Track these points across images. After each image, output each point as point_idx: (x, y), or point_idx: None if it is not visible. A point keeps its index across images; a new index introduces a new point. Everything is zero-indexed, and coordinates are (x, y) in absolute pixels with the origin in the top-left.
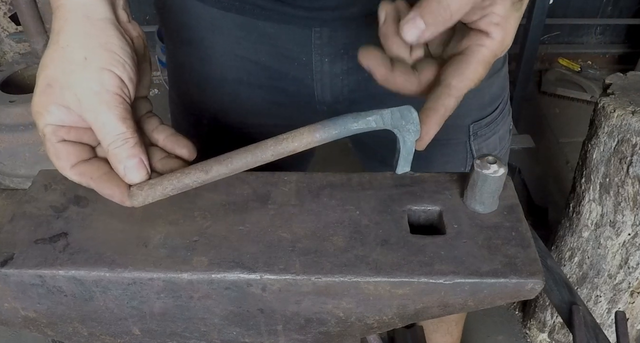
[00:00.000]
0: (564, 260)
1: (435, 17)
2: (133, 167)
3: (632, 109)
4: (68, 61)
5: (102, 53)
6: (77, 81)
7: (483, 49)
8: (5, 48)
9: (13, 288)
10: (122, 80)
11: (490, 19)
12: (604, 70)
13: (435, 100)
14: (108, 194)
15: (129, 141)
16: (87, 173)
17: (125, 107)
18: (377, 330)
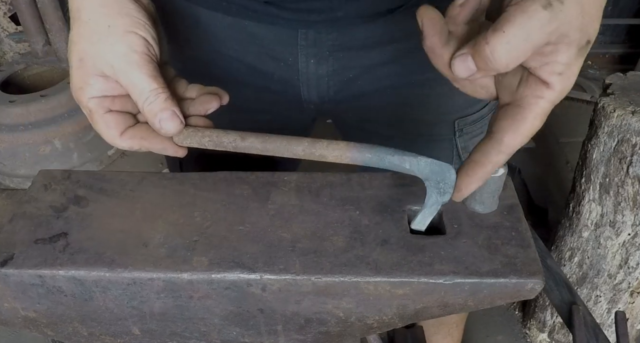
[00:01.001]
0: (564, 260)
1: (487, 64)
2: (167, 118)
3: (632, 109)
4: (94, 32)
5: (122, 18)
6: (105, 48)
7: (542, 101)
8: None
9: (13, 288)
10: (146, 40)
11: (552, 68)
12: (604, 70)
13: (484, 155)
14: (160, 148)
15: (160, 96)
16: (137, 135)
17: (153, 66)
18: (377, 330)
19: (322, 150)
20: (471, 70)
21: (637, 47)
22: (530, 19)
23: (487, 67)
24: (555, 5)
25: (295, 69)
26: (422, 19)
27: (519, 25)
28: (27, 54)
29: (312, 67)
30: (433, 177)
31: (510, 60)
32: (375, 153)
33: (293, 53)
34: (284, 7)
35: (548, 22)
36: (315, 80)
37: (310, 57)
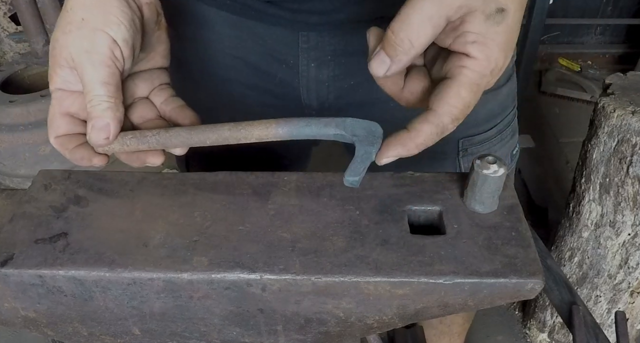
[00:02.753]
0: (564, 260)
1: (395, 48)
2: (97, 127)
3: (632, 109)
4: (68, 22)
5: (98, 14)
6: (72, 40)
7: (465, 70)
8: (5, 48)
9: (13, 288)
10: (114, 41)
11: (464, 39)
12: (604, 70)
13: (411, 123)
14: (78, 158)
15: (102, 104)
16: (65, 144)
17: (111, 71)
18: (377, 330)
19: (246, 129)
20: (386, 63)
21: (637, 47)
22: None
23: (396, 53)
24: None
25: (296, 72)
26: (369, 37)
27: (412, 6)
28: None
29: (312, 71)
30: (361, 132)
31: (414, 39)
32: (298, 124)
33: (294, 55)
34: (284, 7)
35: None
36: (316, 84)
37: (312, 61)
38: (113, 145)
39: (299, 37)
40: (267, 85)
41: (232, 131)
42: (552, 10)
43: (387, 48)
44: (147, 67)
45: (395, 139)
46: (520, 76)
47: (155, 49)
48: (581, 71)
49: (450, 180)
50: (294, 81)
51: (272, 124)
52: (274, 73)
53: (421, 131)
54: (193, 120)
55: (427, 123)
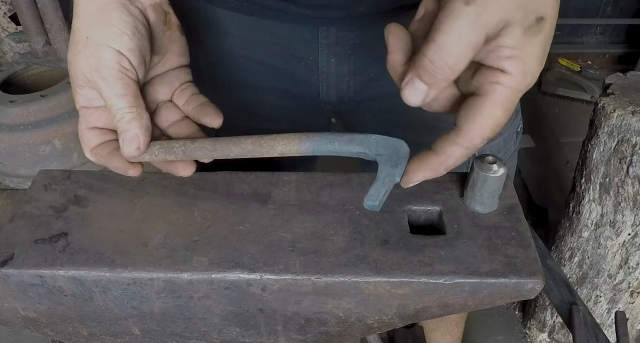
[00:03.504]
0: (564, 260)
1: (433, 76)
2: (127, 140)
3: (632, 109)
4: (76, 43)
5: (99, 29)
6: (81, 61)
7: (499, 87)
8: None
9: (13, 288)
10: (120, 53)
11: (499, 54)
12: (604, 70)
13: (439, 144)
14: (114, 167)
15: (125, 116)
16: (99, 152)
17: (124, 82)
18: (377, 330)
19: (269, 144)
20: (423, 92)
21: (637, 47)
22: (457, 20)
23: (435, 80)
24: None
25: (316, 68)
26: (388, 35)
27: (447, 30)
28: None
29: (332, 66)
30: (385, 152)
31: (453, 65)
32: (320, 140)
33: (314, 52)
34: (304, 4)
35: (476, 17)
36: (336, 79)
37: (332, 56)
38: (143, 155)
39: (319, 32)
40: (285, 85)
41: (255, 145)
42: None
43: (424, 76)
44: (164, 69)
45: (423, 162)
46: None
47: (169, 50)
48: (581, 71)
49: (450, 180)
50: (313, 78)
51: (295, 140)
52: (291, 71)
53: (452, 155)
54: (213, 115)
55: (457, 146)
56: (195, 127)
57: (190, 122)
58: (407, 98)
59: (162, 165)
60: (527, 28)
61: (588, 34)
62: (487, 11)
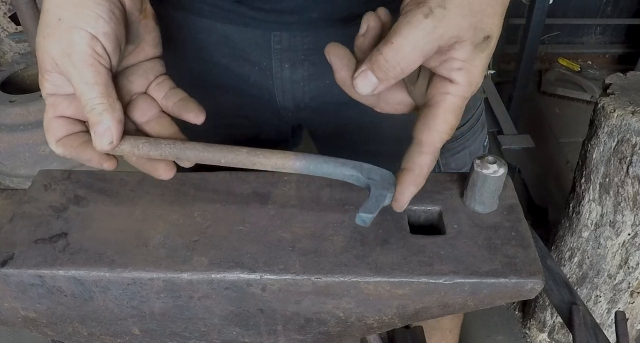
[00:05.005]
0: (564, 260)
1: (386, 73)
2: (99, 133)
3: (632, 109)
4: (46, 25)
5: (73, 11)
6: (51, 43)
7: (449, 96)
8: (5, 48)
9: (13, 288)
10: (94, 37)
11: (450, 65)
12: (604, 70)
13: (408, 160)
14: (86, 159)
15: (96, 107)
16: (68, 143)
17: (96, 69)
18: (377, 330)
19: (264, 155)
20: (373, 83)
21: (637, 47)
22: (415, 29)
23: (386, 76)
24: (436, 12)
25: (270, 74)
26: (329, 56)
27: (405, 35)
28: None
29: (286, 71)
30: (376, 177)
31: (404, 66)
32: (316, 159)
33: (267, 57)
34: (256, 6)
35: (432, 30)
36: (290, 85)
37: (285, 62)
38: (123, 147)
39: (272, 37)
40: (243, 87)
41: (250, 155)
42: (552, 10)
43: (377, 71)
44: (138, 59)
45: (404, 182)
46: (520, 76)
47: (144, 39)
48: (581, 71)
49: (450, 180)
50: (268, 83)
51: (291, 156)
52: (246, 75)
53: (424, 165)
54: (196, 112)
55: (424, 155)
56: (176, 127)
57: (169, 121)
58: (359, 87)
59: (140, 164)
60: (476, 44)
61: (588, 34)
62: (442, 26)
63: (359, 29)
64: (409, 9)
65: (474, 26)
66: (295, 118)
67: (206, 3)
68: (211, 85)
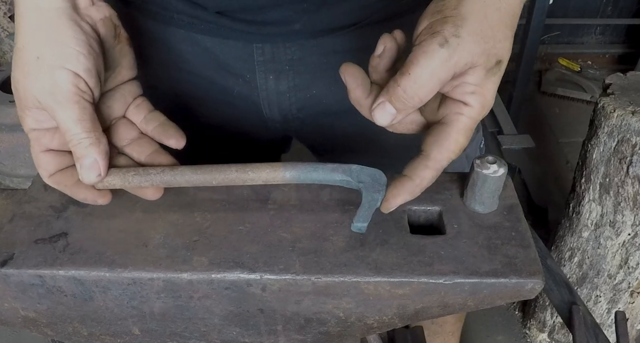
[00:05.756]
0: (564, 260)
1: (405, 104)
2: (86, 167)
3: (632, 109)
4: (24, 63)
5: (52, 49)
6: (32, 83)
7: (462, 117)
8: (5, 48)
9: (13, 288)
10: (77, 75)
11: (464, 89)
12: (604, 70)
13: (412, 170)
14: (82, 198)
15: (82, 142)
16: (62, 181)
17: (81, 106)
18: (377, 330)
19: (254, 171)
20: (392, 114)
21: (637, 47)
22: (431, 59)
23: (405, 107)
24: (451, 42)
25: (254, 86)
26: (344, 75)
27: (422, 66)
28: None
29: (271, 83)
30: (366, 179)
31: (422, 96)
32: (305, 168)
33: (250, 69)
34: (237, 18)
35: (448, 58)
36: (276, 96)
37: (269, 73)
38: (114, 182)
39: (254, 49)
40: (228, 99)
41: (240, 173)
42: (552, 10)
43: (395, 102)
44: (115, 83)
45: (401, 187)
46: (520, 76)
47: (119, 64)
48: (581, 71)
49: (450, 180)
50: (253, 95)
51: (280, 168)
52: (231, 87)
53: (425, 178)
54: (177, 137)
55: (429, 169)
56: (156, 145)
57: (149, 141)
58: (378, 119)
59: (129, 189)
60: (489, 69)
61: (588, 34)
62: (457, 54)
63: (375, 50)
64: (423, 39)
65: (487, 52)
66: (283, 129)
67: (185, 14)
68: (196, 97)
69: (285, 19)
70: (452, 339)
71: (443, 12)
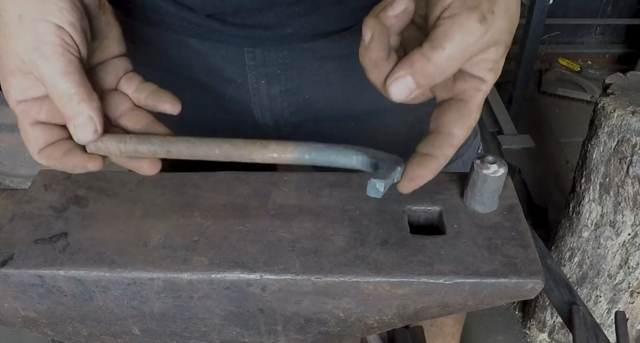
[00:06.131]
0: (564, 260)
1: (431, 78)
2: (80, 124)
3: (632, 109)
4: (6, 24)
5: (34, 5)
6: (15, 42)
7: (480, 93)
8: None
9: (13, 288)
10: (60, 28)
11: (484, 66)
12: (604, 70)
13: (437, 149)
14: (71, 166)
15: (73, 98)
16: (52, 155)
17: (67, 58)
18: (377, 330)
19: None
20: (411, 90)
21: (637, 47)
22: (469, 35)
23: (429, 83)
24: (488, 18)
25: (246, 90)
26: (372, 32)
27: (458, 41)
28: None
29: (263, 87)
30: (383, 156)
31: (451, 72)
32: (319, 145)
33: (242, 73)
34: (228, 21)
35: (483, 35)
36: (268, 100)
37: (261, 78)
38: (108, 145)
39: (245, 53)
40: (220, 103)
41: (247, 143)
42: (552, 10)
43: (420, 77)
44: (104, 57)
45: (426, 168)
46: (520, 76)
47: (107, 36)
48: (581, 71)
49: (450, 180)
50: (245, 99)
51: (289, 145)
52: (223, 91)
53: (448, 156)
54: (172, 102)
55: (452, 147)
56: (151, 117)
57: (144, 112)
58: (394, 93)
59: (124, 161)
60: (507, 47)
61: (588, 34)
62: (491, 31)
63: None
64: (456, 12)
65: (511, 30)
66: (276, 135)
67: (176, 17)
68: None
69: (276, 22)
70: (452, 341)
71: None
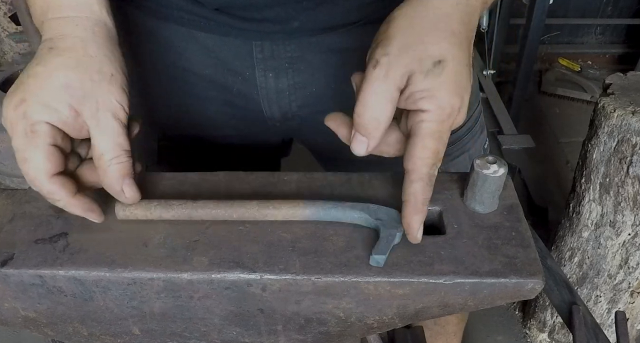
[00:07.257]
0: (564, 260)
1: (366, 128)
2: (130, 184)
3: (632, 109)
4: (96, 71)
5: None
6: (101, 92)
7: (423, 123)
8: (5, 48)
9: (13, 288)
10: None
11: (414, 98)
12: (604, 70)
13: (403, 192)
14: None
15: (128, 159)
16: (67, 186)
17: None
18: (377, 330)
19: (275, 207)
20: (364, 142)
21: (637, 47)
22: (371, 81)
23: (369, 132)
24: (382, 61)
25: (254, 84)
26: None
27: (365, 90)
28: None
29: (271, 81)
30: (384, 217)
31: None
32: (324, 205)
33: (249, 66)
34: (236, 15)
35: (384, 76)
36: (276, 94)
37: (269, 71)
38: (136, 212)
39: (253, 47)
40: (226, 97)
41: (260, 208)
42: (552, 10)
43: (360, 130)
44: None
45: (407, 214)
46: (520, 76)
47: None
48: (581, 71)
49: (450, 180)
50: (253, 92)
51: (300, 205)
52: (230, 85)
53: (417, 193)
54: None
55: (414, 183)
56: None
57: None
58: (355, 149)
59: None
60: (427, 72)
61: (588, 34)
62: (391, 69)
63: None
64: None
65: (418, 58)
66: (283, 129)
67: (184, 11)
68: (195, 96)
69: (284, 16)
70: (455, 340)
71: (376, 39)
